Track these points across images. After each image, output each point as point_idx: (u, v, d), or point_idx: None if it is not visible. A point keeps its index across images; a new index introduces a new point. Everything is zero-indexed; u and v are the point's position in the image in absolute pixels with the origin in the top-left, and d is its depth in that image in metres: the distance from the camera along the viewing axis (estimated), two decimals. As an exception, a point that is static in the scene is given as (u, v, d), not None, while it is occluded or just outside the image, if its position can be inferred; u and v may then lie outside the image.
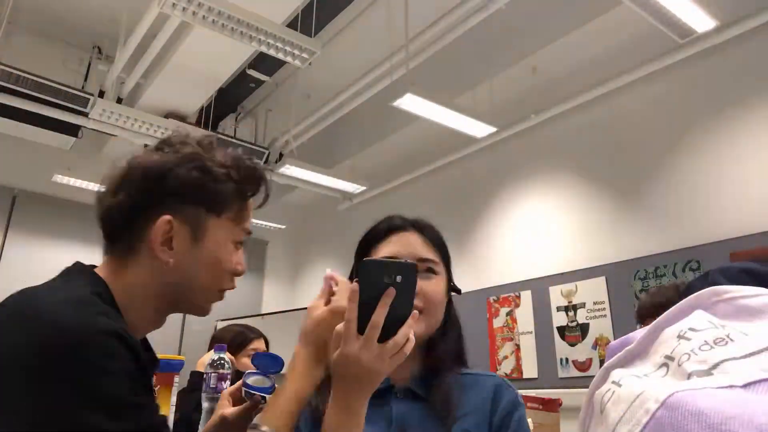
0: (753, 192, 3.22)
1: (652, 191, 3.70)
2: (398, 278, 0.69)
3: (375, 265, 0.71)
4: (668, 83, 3.72)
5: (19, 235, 5.07)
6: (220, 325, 5.58)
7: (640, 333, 0.46)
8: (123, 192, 0.76)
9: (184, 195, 0.76)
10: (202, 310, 0.84)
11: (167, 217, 0.75)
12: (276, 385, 0.97)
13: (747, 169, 3.27)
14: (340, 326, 0.70)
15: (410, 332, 0.70)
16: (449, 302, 0.96)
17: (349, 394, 0.69)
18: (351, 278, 0.94)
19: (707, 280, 1.04)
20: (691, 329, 0.43)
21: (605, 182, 3.98)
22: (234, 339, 2.16)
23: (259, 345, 2.23)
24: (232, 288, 0.85)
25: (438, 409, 0.81)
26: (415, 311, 0.71)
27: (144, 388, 0.68)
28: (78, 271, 0.76)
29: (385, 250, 0.91)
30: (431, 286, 0.89)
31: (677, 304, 0.46)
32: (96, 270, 0.78)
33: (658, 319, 0.46)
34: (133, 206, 0.76)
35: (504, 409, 0.85)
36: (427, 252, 0.92)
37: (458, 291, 0.98)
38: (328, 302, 0.81)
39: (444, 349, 0.91)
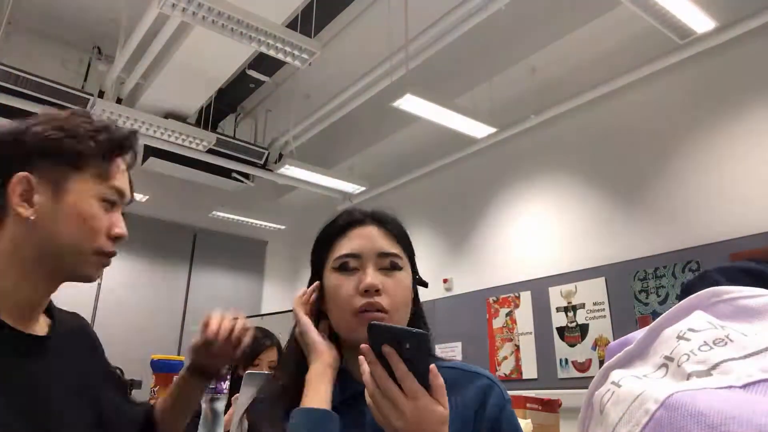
0: (753, 192, 3.22)
1: (651, 192, 3.70)
2: (407, 345, 0.62)
3: (383, 331, 0.64)
4: (668, 84, 3.72)
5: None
6: (220, 325, 5.58)
7: (639, 333, 0.46)
8: None
9: (42, 151, 0.77)
10: (84, 274, 0.81)
11: (23, 173, 0.76)
12: None
13: (747, 170, 3.27)
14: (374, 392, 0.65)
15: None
16: (416, 297, 0.91)
17: None
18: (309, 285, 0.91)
19: (706, 279, 1.03)
20: (690, 330, 0.43)
21: (605, 183, 3.99)
22: (244, 350, 2.12)
23: (269, 355, 2.17)
24: (111, 252, 0.81)
25: None
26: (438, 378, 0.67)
27: None
28: None
29: (345, 246, 0.86)
30: (395, 283, 0.83)
31: (677, 305, 0.46)
32: None
33: (658, 319, 0.46)
34: None
35: (491, 412, 0.81)
36: (389, 245, 0.86)
37: (425, 284, 0.92)
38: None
39: None
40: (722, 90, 3.46)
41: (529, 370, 4.08)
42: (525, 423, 1.54)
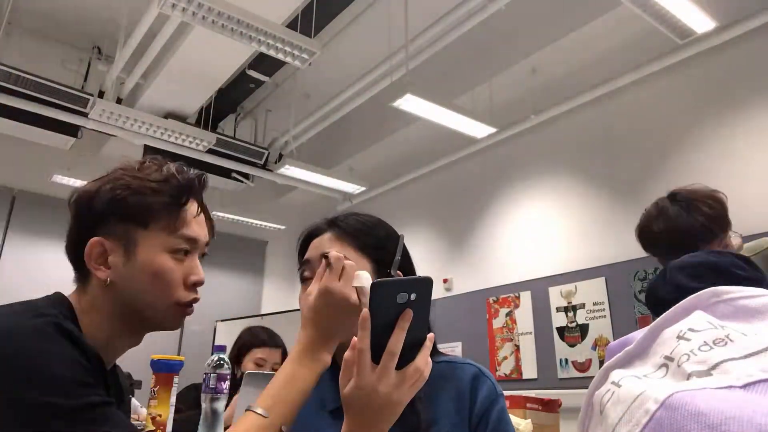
0: (752, 192, 3.22)
1: (651, 191, 3.68)
2: (413, 296, 0.63)
3: (387, 285, 0.64)
4: (668, 84, 3.72)
5: (19, 235, 5.07)
6: (220, 325, 5.58)
7: (639, 333, 0.46)
8: (69, 225, 0.84)
9: (110, 214, 0.80)
10: (168, 325, 0.84)
11: (96, 238, 0.80)
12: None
13: (746, 170, 3.27)
14: (349, 354, 0.65)
15: (428, 356, 0.66)
16: None
17: (366, 429, 0.65)
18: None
19: (666, 278, 1.03)
20: (690, 330, 0.43)
21: (605, 182, 3.99)
22: (235, 344, 2.11)
23: (273, 357, 2.12)
24: (192, 299, 0.84)
25: (407, 419, 0.75)
26: (431, 333, 0.67)
27: (90, 372, 0.69)
28: (49, 296, 0.81)
29: (304, 257, 0.92)
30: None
31: (676, 305, 0.46)
32: (67, 295, 0.83)
33: (658, 319, 0.45)
34: (75, 234, 0.82)
35: (482, 404, 0.82)
36: (334, 247, 0.87)
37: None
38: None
39: None
40: (722, 90, 3.46)
41: (529, 370, 4.08)
42: (525, 423, 1.54)
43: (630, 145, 3.88)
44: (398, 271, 0.87)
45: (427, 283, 0.65)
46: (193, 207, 0.85)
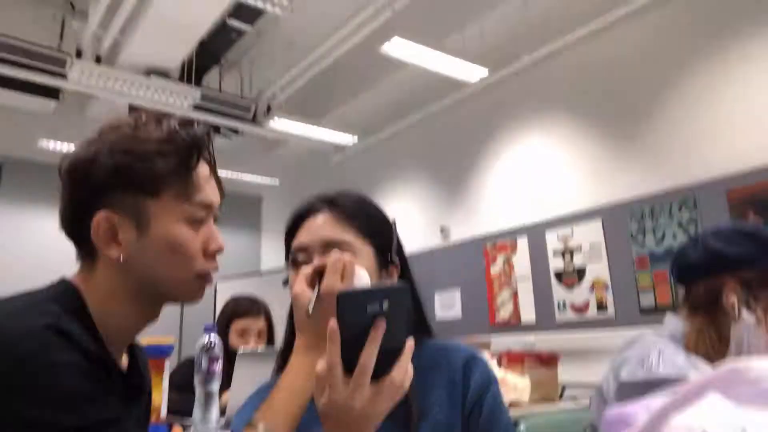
0: (748, 127, 3.15)
1: (647, 130, 3.63)
2: (385, 305, 0.59)
3: (354, 296, 0.60)
4: (662, 17, 3.58)
5: (8, 202, 5.01)
6: (221, 285, 5.61)
7: (639, 409, 0.41)
8: (62, 196, 0.75)
9: (114, 185, 0.71)
10: (190, 298, 0.78)
11: (102, 213, 0.71)
12: None
13: (742, 106, 3.19)
14: (321, 367, 0.61)
15: (408, 365, 0.62)
16: (402, 270, 0.86)
17: None
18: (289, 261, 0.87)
19: (698, 245, 1.00)
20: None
21: (599, 122, 3.91)
22: (221, 316, 2.09)
23: (257, 323, 2.08)
24: (213, 268, 0.77)
25: (398, 410, 0.72)
26: (411, 341, 0.62)
27: (94, 381, 0.64)
28: (54, 284, 0.73)
29: (296, 239, 0.84)
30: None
31: (688, 384, 0.40)
32: (72, 277, 0.75)
33: (666, 401, 0.40)
34: (73, 208, 0.74)
35: (475, 390, 0.80)
36: (336, 232, 0.82)
37: (395, 263, 0.85)
38: (312, 284, 0.76)
39: None
40: (718, 20, 3.34)
41: (528, 315, 4.13)
42: (523, 381, 1.55)
43: (625, 82, 3.78)
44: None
45: (402, 291, 0.60)
46: (204, 169, 0.77)
